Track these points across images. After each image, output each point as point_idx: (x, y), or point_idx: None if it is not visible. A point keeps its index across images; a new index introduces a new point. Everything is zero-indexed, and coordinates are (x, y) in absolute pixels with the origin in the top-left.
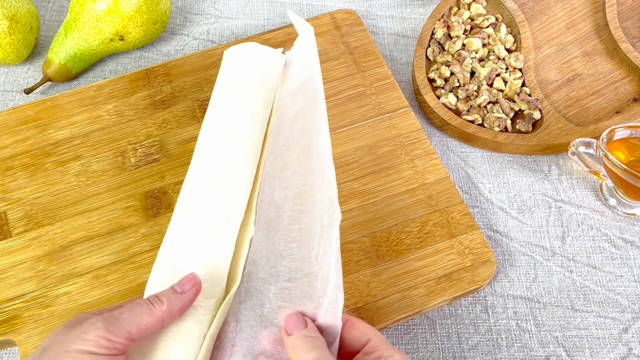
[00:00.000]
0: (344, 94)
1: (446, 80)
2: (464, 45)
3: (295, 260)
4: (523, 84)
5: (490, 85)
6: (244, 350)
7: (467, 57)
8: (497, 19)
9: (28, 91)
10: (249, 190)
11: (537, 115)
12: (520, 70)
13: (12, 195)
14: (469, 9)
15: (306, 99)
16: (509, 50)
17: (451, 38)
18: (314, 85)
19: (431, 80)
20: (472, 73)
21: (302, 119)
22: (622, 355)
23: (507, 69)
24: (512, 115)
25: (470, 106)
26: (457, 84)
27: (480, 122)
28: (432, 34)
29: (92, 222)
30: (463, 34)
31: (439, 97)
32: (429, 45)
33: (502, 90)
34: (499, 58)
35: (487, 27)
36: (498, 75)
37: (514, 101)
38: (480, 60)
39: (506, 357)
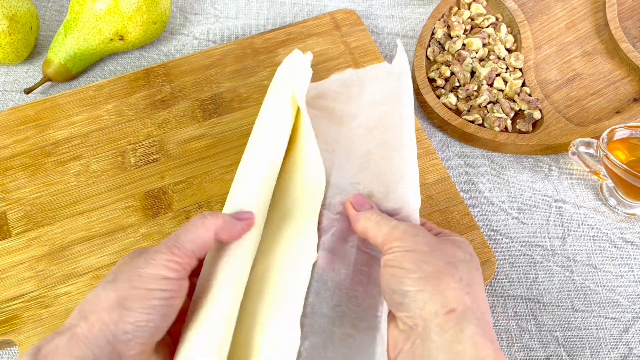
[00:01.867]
0: None
1: (446, 80)
2: (464, 45)
3: (360, 306)
4: (523, 84)
5: (491, 85)
6: None
7: (467, 56)
8: (497, 19)
9: (28, 91)
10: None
11: (537, 115)
12: (520, 70)
13: (12, 195)
14: (469, 8)
15: (383, 137)
16: (509, 50)
17: (451, 38)
18: (397, 123)
19: (431, 80)
20: (473, 73)
21: (376, 161)
22: (622, 356)
23: (507, 68)
24: (512, 115)
25: (471, 106)
26: (457, 84)
27: (481, 122)
28: (432, 33)
29: (92, 222)
30: (463, 33)
31: (439, 97)
32: (429, 45)
33: (502, 90)
34: (499, 58)
35: (487, 26)
36: (498, 75)
37: (514, 101)
38: (481, 60)
39: (506, 357)
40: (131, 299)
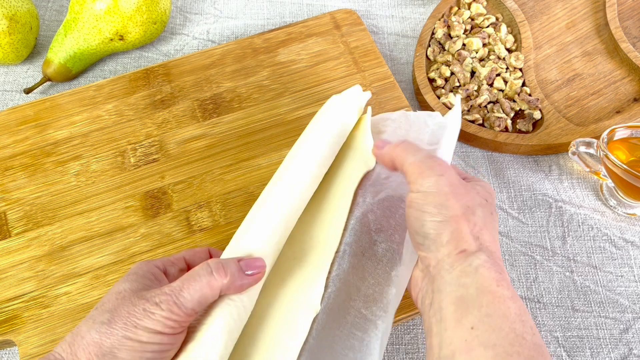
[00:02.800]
0: None
1: (446, 80)
2: (464, 45)
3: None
4: (523, 84)
5: (491, 85)
6: None
7: (468, 56)
8: (497, 19)
9: (28, 91)
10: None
11: (537, 115)
12: (520, 70)
13: (12, 195)
14: (469, 8)
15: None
16: (509, 50)
17: (451, 38)
18: None
19: (431, 80)
20: (473, 73)
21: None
22: (622, 356)
23: (507, 68)
24: (512, 115)
25: (471, 106)
26: (457, 84)
27: (481, 122)
28: (433, 33)
29: (92, 222)
30: (463, 33)
31: (439, 97)
32: (429, 45)
33: (502, 90)
34: (499, 58)
35: (488, 26)
36: (498, 75)
37: (514, 101)
38: (481, 60)
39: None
40: (123, 349)
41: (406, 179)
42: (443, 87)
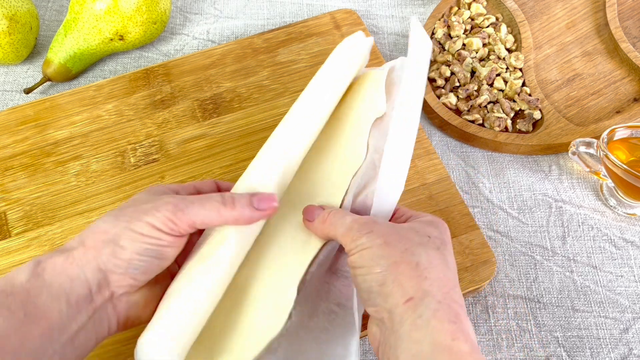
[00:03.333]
0: None
1: (446, 80)
2: (464, 45)
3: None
4: (523, 84)
5: (491, 85)
6: None
7: (468, 56)
8: (497, 19)
9: (28, 91)
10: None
11: (537, 115)
12: (520, 70)
13: (12, 195)
14: (469, 8)
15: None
16: (509, 50)
17: (451, 38)
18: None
19: (431, 80)
20: (473, 73)
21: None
22: (622, 356)
23: (507, 68)
24: (512, 115)
25: (471, 106)
26: (457, 84)
27: (481, 122)
28: (433, 33)
29: (92, 222)
30: (463, 33)
31: (439, 97)
32: None
33: (502, 90)
34: (499, 58)
35: (488, 26)
36: (498, 75)
37: (514, 101)
38: (481, 60)
39: (506, 357)
40: (125, 238)
41: (345, 249)
42: (443, 87)
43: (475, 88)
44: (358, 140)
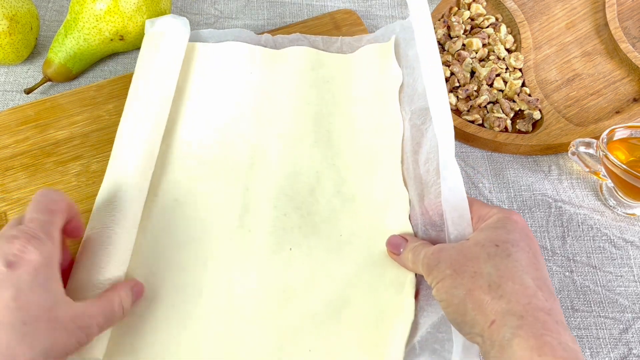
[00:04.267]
0: None
1: (446, 80)
2: (464, 45)
3: None
4: (523, 84)
5: (491, 85)
6: None
7: (467, 57)
8: (497, 19)
9: (28, 91)
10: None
11: (537, 115)
12: (520, 70)
13: (12, 196)
14: (469, 9)
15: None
16: (509, 50)
17: (451, 38)
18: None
19: None
20: (472, 73)
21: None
22: (622, 356)
23: (507, 69)
24: (512, 115)
25: (471, 106)
26: (457, 84)
27: (481, 122)
28: None
29: None
30: (463, 34)
31: None
32: None
33: (502, 90)
34: (499, 58)
35: (487, 27)
36: (498, 75)
37: (514, 101)
38: (480, 60)
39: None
40: None
41: None
42: None
43: (475, 88)
44: (389, 109)
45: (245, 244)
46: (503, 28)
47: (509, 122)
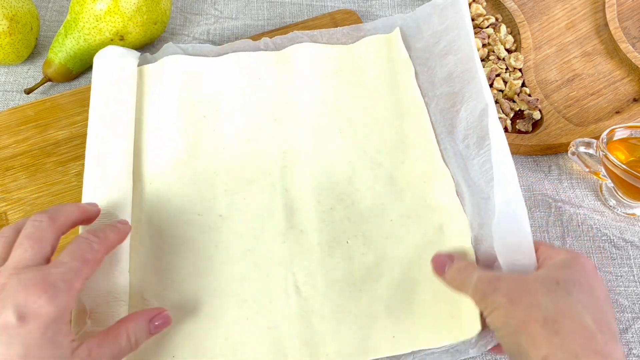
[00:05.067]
0: None
1: None
2: None
3: None
4: (523, 84)
5: (491, 85)
6: None
7: None
8: (497, 19)
9: (28, 91)
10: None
11: (537, 115)
12: (520, 70)
13: (12, 196)
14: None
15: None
16: (509, 51)
17: None
18: (466, 44)
19: None
20: None
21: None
22: None
23: (507, 69)
24: (512, 115)
25: None
26: None
27: None
28: None
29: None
30: None
31: None
32: None
33: (502, 91)
34: (499, 58)
35: (487, 27)
36: (498, 75)
37: (514, 101)
38: (480, 60)
39: (507, 356)
40: None
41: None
42: None
43: None
44: (409, 94)
45: (300, 243)
46: (503, 28)
47: (509, 122)
